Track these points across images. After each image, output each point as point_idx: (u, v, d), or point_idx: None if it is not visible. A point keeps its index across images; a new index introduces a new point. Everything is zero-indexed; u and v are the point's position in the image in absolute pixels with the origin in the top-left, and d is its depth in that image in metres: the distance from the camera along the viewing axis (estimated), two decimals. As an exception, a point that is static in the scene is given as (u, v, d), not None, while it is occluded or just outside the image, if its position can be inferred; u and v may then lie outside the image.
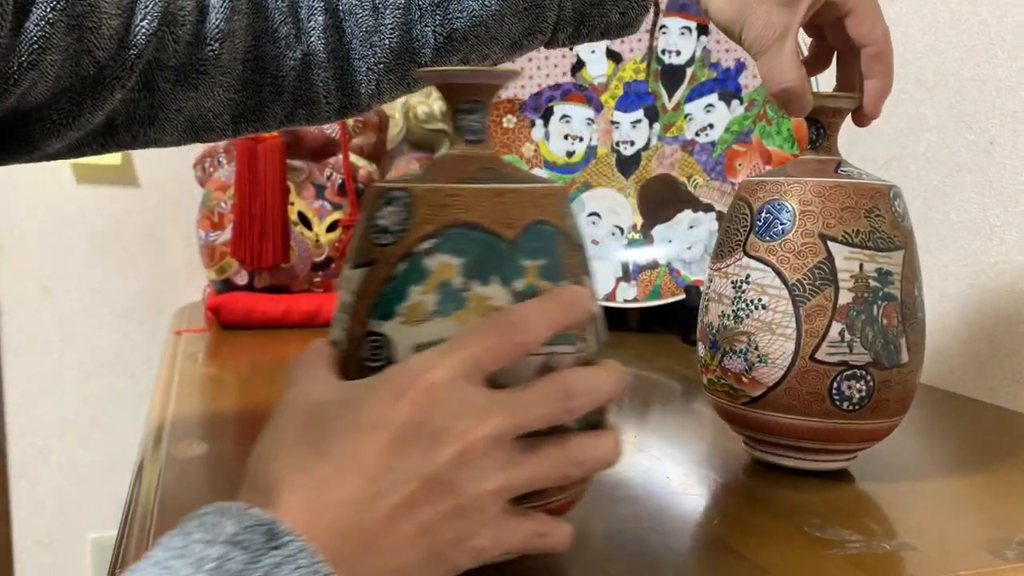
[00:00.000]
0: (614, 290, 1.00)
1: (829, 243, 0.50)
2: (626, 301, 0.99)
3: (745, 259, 0.52)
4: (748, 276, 0.52)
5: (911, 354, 0.51)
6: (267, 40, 0.51)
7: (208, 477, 0.53)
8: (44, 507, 1.19)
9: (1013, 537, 0.45)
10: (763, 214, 0.52)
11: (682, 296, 0.96)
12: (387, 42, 0.51)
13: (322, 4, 0.51)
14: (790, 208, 0.51)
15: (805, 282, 0.50)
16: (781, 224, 0.51)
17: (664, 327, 1.03)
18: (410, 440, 0.32)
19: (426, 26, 0.51)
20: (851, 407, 0.50)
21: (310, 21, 0.51)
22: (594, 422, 0.39)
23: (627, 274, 1.01)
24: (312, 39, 0.51)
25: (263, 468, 0.33)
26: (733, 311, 0.52)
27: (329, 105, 0.53)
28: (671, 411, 0.69)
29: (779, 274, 0.50)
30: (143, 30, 0.46)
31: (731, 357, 0.52)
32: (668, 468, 0.55)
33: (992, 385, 0.74)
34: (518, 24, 0.52)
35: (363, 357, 0.37)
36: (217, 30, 0.48)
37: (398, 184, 0.38)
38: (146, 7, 0.46)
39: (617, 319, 1.05)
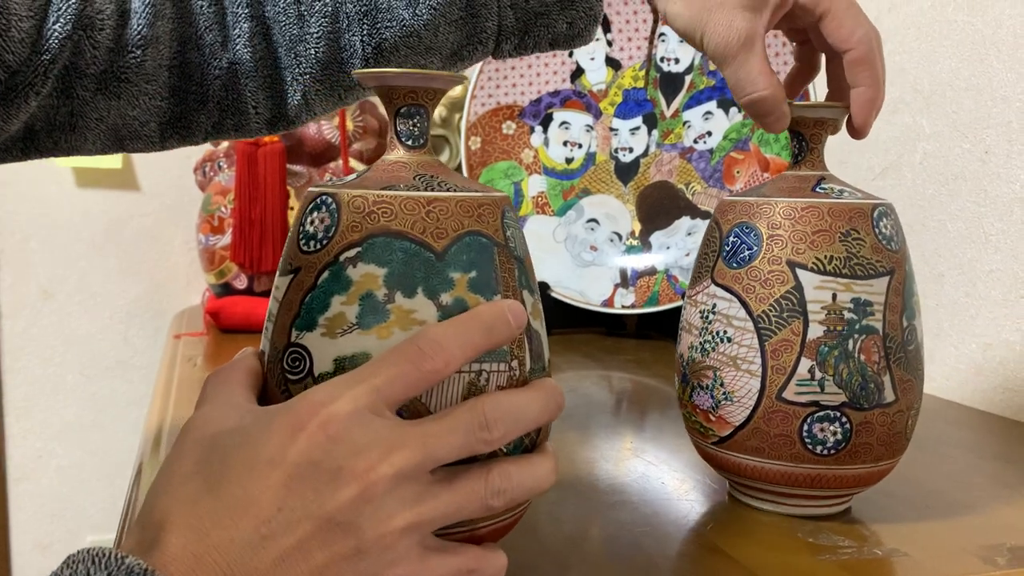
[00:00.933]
0: (612, 296, 1.00)
1: (798, 271, 0.45)
2: (624, 307, 0.99)
3: (712, 287, 0.48)
4: (715, 306, 0.47)
5: (899, 392, 0.46)
6: (192, 47, 0.48)
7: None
8: (43, 510, 1.19)
9: (1004, 543, 0.45)
10: (731, 238, 0.47)
11: (679, 302, 0.96)
12: (313, 52, 0.49)
13: (248, 11, 0.49)
14: (758, 232, 0.46)
15: (771, 314, 0.45)
16: (748, 249, 0.46)
17: (662, 333, 1.03)
18: (306, 479, 0.30)
19: (354, 35, 0.49)
20: (825, 451, 0.45)
21: (235, 28, 0.49)
22: (528, 444, 0.37)
23: (625, 280, 1.01)
24: (238, 47, 0.49)
25: (154, 502, 0.31)
26: (700, 343, 0.48)
27: (259, 115, 0.51)
28: (668, 417, 0.70)
29: (744, 304, 0.46)
30: (56, 34, 0.43)
31: (699, 393, 0.48)
32: (663, 474, 0.55)
33: (986, 393, 0.74)
34: (454, 34, 0.50)
35: (284, 369, 0.36)
36: (139, 36, 0.46)
37: (326, 189, 0.37)
38: (59, 9, 0.43)
39: (615, 325, 1.06)
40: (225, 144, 1.04)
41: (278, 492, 0.30)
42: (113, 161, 1.15)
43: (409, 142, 0.39)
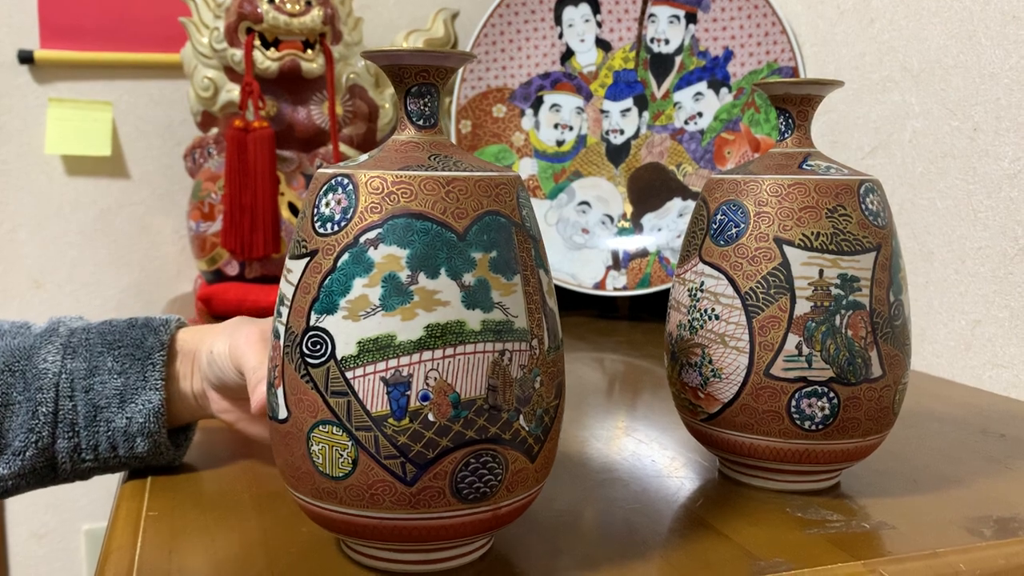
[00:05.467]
0: (604, 278, 1.00)
1: (784, 247, 0.45)
2: (616, 289, 0.99)
3: (700, 265, 0.48)
4: (703, 284, 0.47)
5: (886, 367, 0.46)
6: None
7: (199, 463, 0.53)
8: (38, 499, 1.19)
9: (991, 515, 0.45)
10: (718, 216, 0.47)
11: (671, 284, 0.96)
12: None
13: None
14: (745, 209, 0.46)
15: (758, 291, 0.45)
16: (735, 227, 0.46)
17: (654, 315, 1.04)
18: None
19: None
20: (813, 426, 0.45)
21: None
22: (548, 422, 0.38)
23: (617, 262, 1.01)
24: None
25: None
26: (688, 321, 0.48)
27: None
28: (659, 397, 0.70)
29: (732, 282, 0.46)
30: None
31: (687, 371, 0.48)
32: (654, 452, 0.56)
33: (976, 369, 0.75)
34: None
35: (304, 353, 0.35)
36: None
37: (342, 170, 0.37)
38: None
39: (607, 307, 1.06)
40: (215, 130, 1.03)
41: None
42: (102, 149, 1.15)
43: (420, 122, 0.39)
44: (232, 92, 0.99)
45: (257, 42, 0.96)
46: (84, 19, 1.13)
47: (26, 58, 1.11)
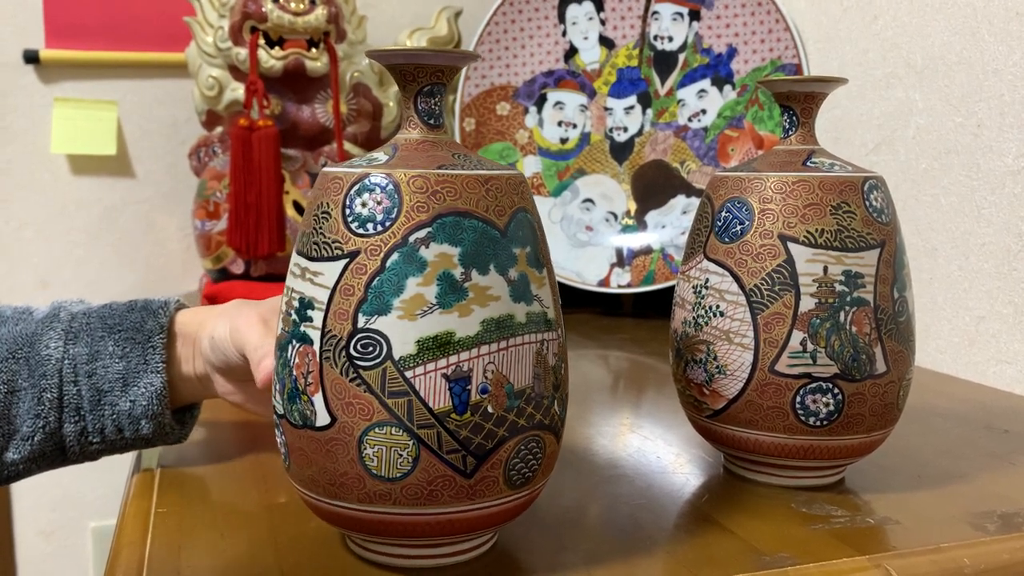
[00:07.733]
0: (608, 276, 1.00)
1: (789, 244, 0.45)
2: (620, 287, 1.00)
3: (705, 262, 0.48)
4: (707, 280, 0.48)
5: (890, 363, 0.46)
6: None
7: (206, 461, 0.54)
8: (45, 497, 1.20)
9: (995, 511, 0.46)
10: (723, 213, 0.48)
11: (675, 281, 0.97)
12: None
13: None
14: (749, 206, 0.46)
15: (763, 287, 0.45)
16: (740, 224, 0.47)
17: (658, 312, 1.04)
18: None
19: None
20: (818, 423, 0.46)
21: None
22: (562, 414, 0.40)
23: (621, 260, 1.01)
24: None
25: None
26: (693, 318, 0.48)
27: None
28: (664, 394, 0.70)
29: (737, 279, 0.46)
30: None
31: (692, 367, 0.49)
32: (659, 448, 0.56)
33: (980, 365, 0.75)
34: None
35: (353, 356, 0.35)
36: None
37: (370, 169, 0.36)
38: None
39: (612, 304, 1.06)
40: (219, 129, 1.04)
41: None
42: (108, 148, 1.15)
43: (431, 121, 0.39)
44: (237, 91, 1.00)
45: (261, 41, 0.97)
46: (89, 19, 1.14)
47: (31, 58, 1.12)
